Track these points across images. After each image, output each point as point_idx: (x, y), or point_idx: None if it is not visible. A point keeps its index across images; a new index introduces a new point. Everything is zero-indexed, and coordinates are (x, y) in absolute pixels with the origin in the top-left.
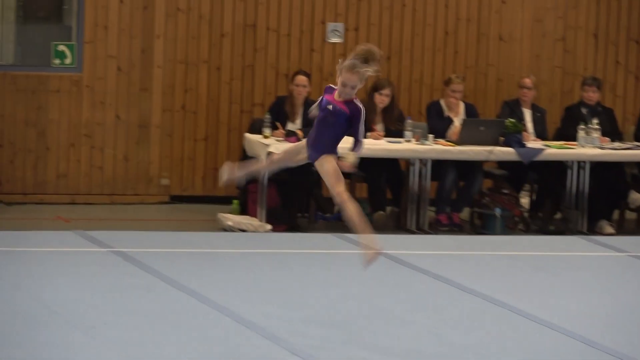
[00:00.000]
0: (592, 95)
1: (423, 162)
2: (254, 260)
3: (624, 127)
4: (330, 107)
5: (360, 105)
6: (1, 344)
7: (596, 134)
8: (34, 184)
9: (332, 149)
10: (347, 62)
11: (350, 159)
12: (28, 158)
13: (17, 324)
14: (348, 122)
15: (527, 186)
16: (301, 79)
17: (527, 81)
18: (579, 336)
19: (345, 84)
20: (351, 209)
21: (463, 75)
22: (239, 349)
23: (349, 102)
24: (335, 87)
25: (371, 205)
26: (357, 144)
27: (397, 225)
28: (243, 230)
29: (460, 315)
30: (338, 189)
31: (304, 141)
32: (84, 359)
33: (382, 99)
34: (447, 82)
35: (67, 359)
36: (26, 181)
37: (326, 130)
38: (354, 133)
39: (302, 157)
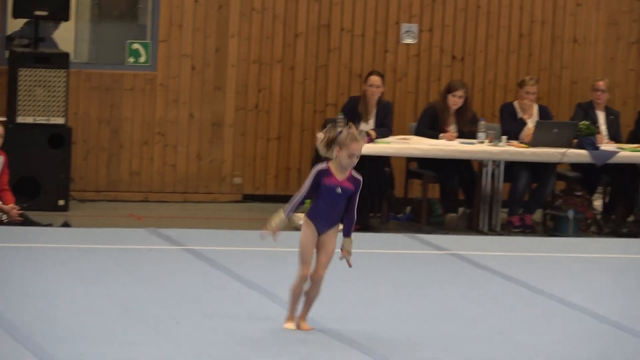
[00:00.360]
0: None
1: (496, 163)
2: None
3: None
4: (339, 190)
5: (359, 177)
6: (74, 341)
7: None
8: (107, 181)
9: (337, 221)
10: (345, 135)
11: (348, 247)
12: (101, 156)
13: (89, 321)
14: (350, 196)
15: (600, 188)
16: (375, 79)
17: (601, 84)
18: None
19: (352, 154)
20: (317, 291)
21: (537, 78)
22: (314, 349)
23: (350, 178)
24: (326, 167)
25: (443, 206)
26: (350, 223)
27: (469, 226)
28: None
29: (531, 317)
30: (322, 273)
31: (310, 239)
32: (155, 356)
33: (455, 101)
34: (521, 84)
35: (139, 357)
36: (99, 179)
37: (334, 209)
38: (350, 208)
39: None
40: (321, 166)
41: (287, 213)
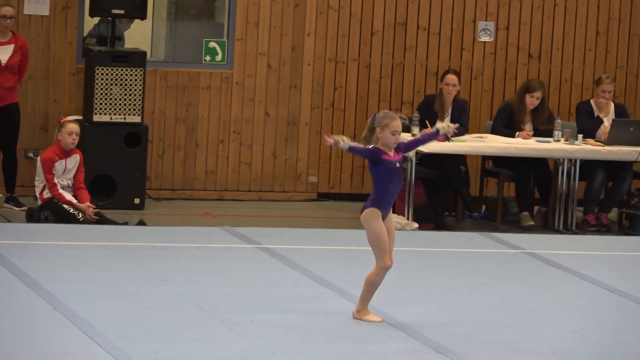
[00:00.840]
0: None
1: (571, 162)
2: (400, 258)
3: None
4: (398, 164)
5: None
6: (148, 339)
7: None
8: (183, 180)
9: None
10: (382, 115)
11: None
12: (177, 154)
13: (164, 319)
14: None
15: None
16: (451, 78)
17: None
18: None
19: (395, 131)
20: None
21: (613, 76)
22: (387, 347)
23: (398, 151)
24: (377, 147)
25: (518, 205)
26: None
27: (545, 225)
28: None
29: (607, 315)
30: (391, 257)
31: (384, 229)
32: (230, 354)
33: (532, 101)
34: (598, 82)
35: (213, 354)
36: (175, 177)
37: (396, 187)
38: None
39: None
40: (372, 146)
41: (350, 145)
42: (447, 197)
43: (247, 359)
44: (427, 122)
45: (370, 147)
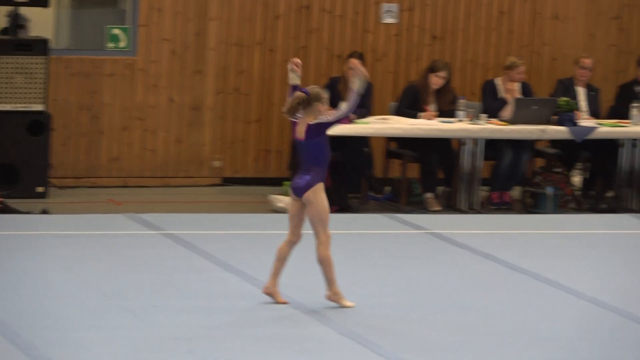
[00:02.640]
0: None
1: (475, 141)
2: (304, 241)
3: None
4: None
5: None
6: (53, 327)
7: None
8: (87, 167)
9: None
10: (317, 91)
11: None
12: (81, 142)
13: (69, 308)
14: None
15: (579, 165)
16: (354, 62)
17: (588, 62)
18: (630, 314)
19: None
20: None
21: (521, 57)
22: (291, 331)
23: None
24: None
25: (423, 186)
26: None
27: (449, 205)
28: None
29: (510, 294)
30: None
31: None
32: (134, 341)
33: (437, 81)
34: (511, 67)
35: (117, 341)
36: (79, 165)
37: None
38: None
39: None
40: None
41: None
42: (351, 179)
43: (151, 345)
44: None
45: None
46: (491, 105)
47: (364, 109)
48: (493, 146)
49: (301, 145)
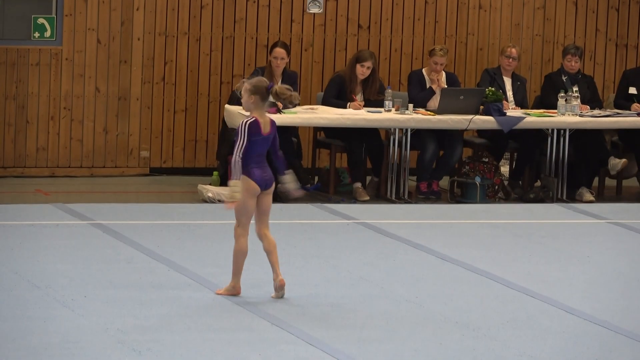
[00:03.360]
0: (574, 65)
1: (402, 131)
2: (231, 231)
3: (603, 94)
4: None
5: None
6: None
7: (576, 102)
8: (14, 157)
9: None
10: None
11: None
12: (8, 131)
13: None
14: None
15: (506, 154)
16: (279, 51)
17: (514, 51)
18: (558, 303)
19: None
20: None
21: (447, 48)
22: (222, 321)
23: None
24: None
25: (351, 175)
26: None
27: (377, 195)
28: (223, 202)
29: (439, 284)
30: None
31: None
32: (65, 331)
33: (363, 71)
34: (430, 54)
35: (47, 331)
36: (6, 154)
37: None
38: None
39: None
40: (251, 120)
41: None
42: None
43: (81, 335)
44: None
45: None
46: (418, 95)
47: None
48: (418, 136)
49: (265, 140)
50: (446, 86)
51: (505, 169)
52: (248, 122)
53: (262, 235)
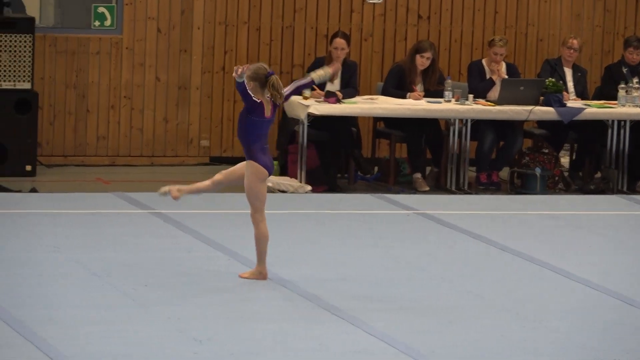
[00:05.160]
0: (635, 58)
1: (462, 122)
2: (294, 220)
3: None
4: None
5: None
6: (42, 306)
7: (636, 93)
8: (74, 146)
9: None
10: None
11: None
12: (68, 120)
13: (58, 286)
14: None
15: (567, 145)
16: (339, 42)
17: (575, 43)
18: (619, 294)
19: None
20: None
21: (506, 38)
22: (282, 311)
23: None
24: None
25: (411, 166)
26: None
27: (437, 185)
28: (283, 191)
29: (499, 274)
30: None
31: (242, 164)
32: (125, 320)
33: (423, 62)
34: (490, 44)
35: (108, 319)
36: (66, 143)
37: None
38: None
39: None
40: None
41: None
42: (339, 159)
43: (142, 323)
44: (314, 85)
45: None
46: (478, 86)
47: (351, 88)
48: (477, 127)
49: (266, 123)
50: (506, 77)
51: (565, 160)
52: (256, 100)
53: (261, 223)
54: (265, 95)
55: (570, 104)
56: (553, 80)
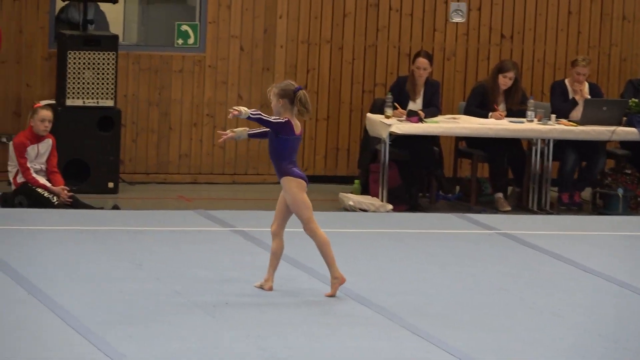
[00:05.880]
0: None
1: (545, 142)
2: (375, 239)
3: None
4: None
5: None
6: (123, 323)
7: None
8: (157, 163)
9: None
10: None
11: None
12: (151, 138)
13: (139, 303)
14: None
15: None
16: (422, 61)
17: None
18: None
19: None
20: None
21: (589, 58)
22: (363, 329)
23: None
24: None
25: (492, 185)
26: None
27: (519, 205)
28: (364, 210)
29: (580, 295)
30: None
31: (279, 201)
32: (204, 337)
33: (505, 81)
34: (573, 64)
35: (187, 337)
36: (149, 161)
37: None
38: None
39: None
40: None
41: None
42: (421, 179)
43: (221, 341)
44: (396, 104)
45: (283, 120)
46: (560, 106)
47: (433, 108)
48: (559, 147)
49: (296, 141)
50: (589, 97)
51: None
52: (281, 120)
53: (275, 235)
54: (294, 112)
55: None
56: (636, 100)
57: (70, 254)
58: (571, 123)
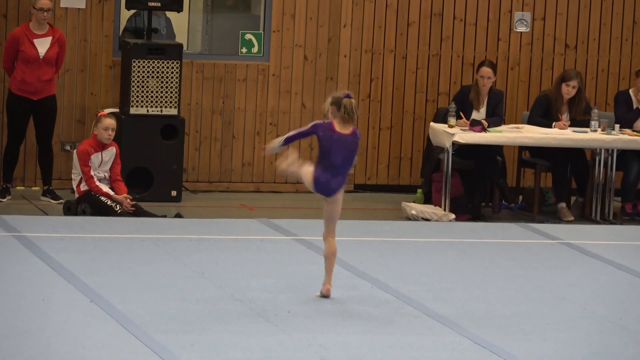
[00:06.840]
0: None
1: (608, 152)
2: (437, 249)
3: None
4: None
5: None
6: (184, 331)
7: None
8: (220, 172)
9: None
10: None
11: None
12: (214, 146)
13: (201, 311)
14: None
15: None
16: (486, 70)
17: None
18: None
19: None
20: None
21: None
22: (409, 335)
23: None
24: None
25: (555, 195)
26: None
27: (582, 215)
28: (427, 219)
29: None
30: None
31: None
32: (267, 346)
33: (569, 91)
34: (637, 74)
35: (250, 346)
36: (212, 169)
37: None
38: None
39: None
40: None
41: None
42: (484, 188)
43: (284, 350)
44: (461, 113)
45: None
46: (624, 116)
47: (497, 117)
48: (623, 157)
49: (339, 142)
50: None
51: None
52: (318, 122)
53: (326, 240)
54: (340, 118)
55: None
56: None
57: (133, 262)
58: (635, 133)
